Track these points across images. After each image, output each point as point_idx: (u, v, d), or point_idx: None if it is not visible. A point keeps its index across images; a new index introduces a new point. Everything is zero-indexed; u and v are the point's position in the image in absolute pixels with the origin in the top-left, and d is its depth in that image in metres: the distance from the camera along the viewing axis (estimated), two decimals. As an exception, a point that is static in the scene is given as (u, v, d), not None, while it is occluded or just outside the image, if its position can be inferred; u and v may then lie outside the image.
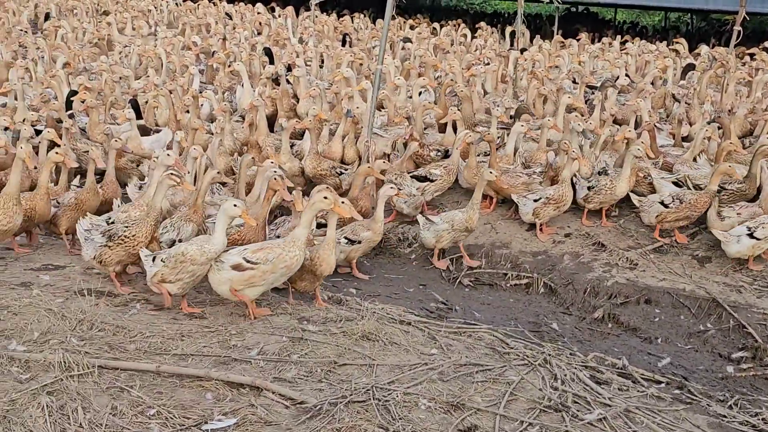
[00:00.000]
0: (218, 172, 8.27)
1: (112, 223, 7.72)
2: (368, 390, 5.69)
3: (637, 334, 8.40)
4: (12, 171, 7.74)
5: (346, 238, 8.71)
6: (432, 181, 10.21)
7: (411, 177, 10.29)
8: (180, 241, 7.61)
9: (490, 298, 9.12)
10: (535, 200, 9.66)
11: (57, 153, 8.27)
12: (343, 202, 7.21)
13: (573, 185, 9.80)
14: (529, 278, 9.34)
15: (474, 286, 9.36)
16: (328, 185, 8.46)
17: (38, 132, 10.95)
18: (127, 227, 7.26)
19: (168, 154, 8.09)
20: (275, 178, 7.81)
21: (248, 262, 6.75)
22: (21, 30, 21.04)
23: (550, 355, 6.69)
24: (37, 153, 9.17)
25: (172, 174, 7.33)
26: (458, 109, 11.59)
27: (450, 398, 5.71)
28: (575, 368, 6.50)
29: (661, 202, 9.38)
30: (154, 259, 6.91)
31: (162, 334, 6.44)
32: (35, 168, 8.90)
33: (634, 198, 9.64)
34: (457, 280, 9.37)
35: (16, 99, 12.14)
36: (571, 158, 9.57)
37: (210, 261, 6.79)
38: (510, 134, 10.89)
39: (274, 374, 5.88)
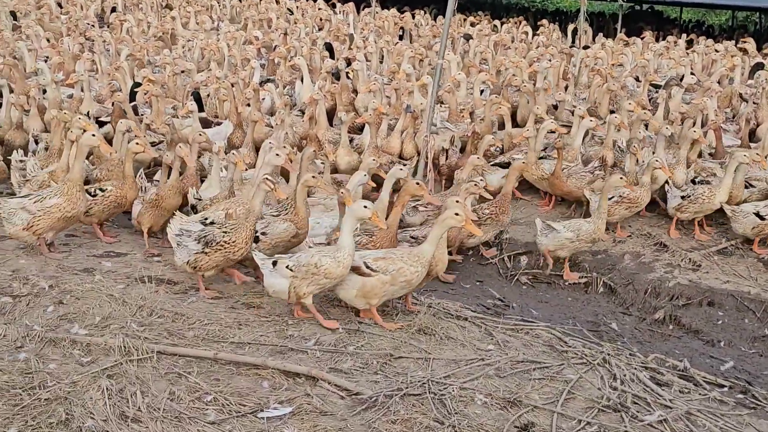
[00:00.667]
0: (313, 176, 7.72)
1: (211, 223, 7.55)
2: (424, 383, 5.66)
3: (699, 336, 8.21)
4: (75, 158, 7.85)
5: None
6: None
7: (492, 165, 10.33)
8: (264, 234, 7.41)
9: (547, 296, 9.00)
10: (609, 198, 9.42)
11: (137, 144, 8.31)
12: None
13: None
14: (588, 277, 9.19)
15: (532, 284, 9.25)
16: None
17: (101, 123, 11.18)
18: (225, 233, 6.91)
19: (277, 154, 7.91)
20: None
21: (368, 267, 6.45)
22: (88, 23, 21.48)
23: (609, 354, 6.57)
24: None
25: (267, 179, 6.98)
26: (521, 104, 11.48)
27: (506, 394, 5.64)
28: (635, 369, 6.37)
29: (757, 213, 9.04)
30: (275, 264, 6.49)
31: (220, 322, 6.49)
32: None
33: (727, 208, 9.20)
34: (515, 278, 9.28)
35: (82, 90, 12.37)
36: (654, 166, 9.30)
37: (345, 274, 6.43)
38: (578, 129, 10.71)
39: (330, 365, 5.88)
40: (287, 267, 6.40)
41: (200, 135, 9.15)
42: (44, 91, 12.48)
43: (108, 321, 6.33)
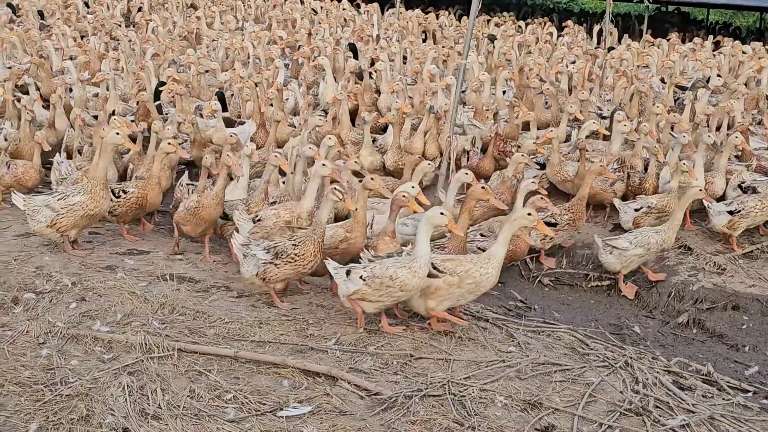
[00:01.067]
0: (372, 178, 7.39)
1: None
2: (444, 384, 5.63)
3: (724, 340, 8.12)
4: (100, 156, 7.90)
5: (481, 234, 8.62)
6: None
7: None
8: None
9: (570, 298, 8.95)
10: (636, 209, 9.24)
11: (169, 143, 8.29)
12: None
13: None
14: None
15: (554, 286, 9.20)
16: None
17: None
18: (295, 245, 6.68)
19: (323, 164, 7.64)
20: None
21: (434, 268, 6.23)
22: (114, 23, 21.64)
23: (631, 358, 6.53)
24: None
25: (336, 190, 6.76)
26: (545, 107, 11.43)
27: (527, 396, 5.61)
28: (657, 372, 6.32)
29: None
30: (348, 273, 6.31)
31: (241, 320, 6.50)
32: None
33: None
34: (537, 279, 9.23)
35: (108, 89, 12.46)
36: (681, 170, 9.10)
37: (421, 286, 6.21)
38: (613, 134, 10.59)
39: (350, 364, 5.88)
40: (360, 277, 6.22)
41: (231, 136, 9.06)
42: (70, 90, 12.60)
43: (130, 318, 6.36)
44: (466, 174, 8.14)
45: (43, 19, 22.81)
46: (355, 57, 16.25)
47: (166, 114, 12.25)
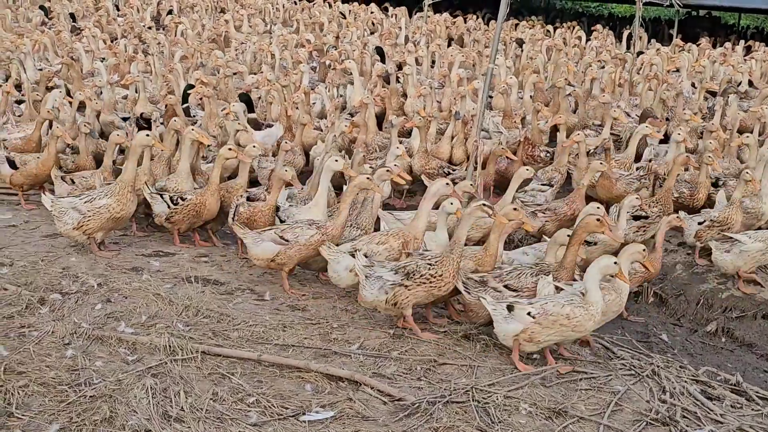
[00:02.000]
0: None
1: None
2: (468, 391, 5.59)
3: (753, 350, 7.99)
4: (128, 159, 7.93)
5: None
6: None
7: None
8: None
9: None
10: (700, 222, 8.96)
11: (230, 149, 8.24)
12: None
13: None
14: (639, 287, 9.00)
15: (580, 292, 9.09)
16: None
17: (149, 124, 11.19)
18: (431, 265, 6.31)
19: (336, 159, 7.61)
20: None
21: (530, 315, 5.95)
22: (143, 26, 21.81)
23: (658, 366, 6.43)
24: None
25: (484, 205, 6.49)
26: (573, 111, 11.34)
27: (552, 404, 5.55)
28: (685, 381, 6.22)
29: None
30: (510, 309, 5.99)
31: (264, 323, 6.50)
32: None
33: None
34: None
35: (137, 91, 12.54)
36: (744, 180, 8.85)
37: (591, 330, 6.14)
38: (632, 136, 10.49)
39: (374, 369, 5.86)
40: (529, 314, 5.93)
41: (254, 148, 8.65)
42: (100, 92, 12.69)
43: (154, 320, 6.38)
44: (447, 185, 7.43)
45: (74, 21, 23.04)
46: (383, 61, 16.24)
47: (194, 116, 12.31)
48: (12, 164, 9.23)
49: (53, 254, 7.76)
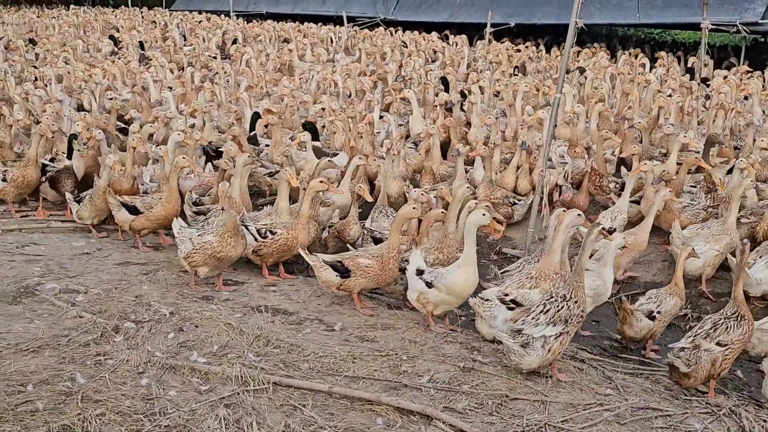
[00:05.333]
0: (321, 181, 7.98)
1: (514, 302, 6.81)
2: (541, 427, 5.52)
3: (833, 388, 7.72)
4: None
5: None
6: None
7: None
8: (659, 313, 7.25)
9: (668, 339, 8.65)
10: None
11: (321, 181, 8.23)
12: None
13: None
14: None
15: (650, 326, 8.91)
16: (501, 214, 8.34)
17: (219, 154, 11.37)
18: (576, 302, 6.22)
19: (414, 207, 7.66)
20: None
21: None
22: (209, 55, 22.23)
23: (735, 404, 6.26)
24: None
25: (604, 230, 6.47)
26: (639, 142, 11.18)
27: (627, 443, 5.44)
28: (764, 421, 6.04)
29: None
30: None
31: (334, 355, 6.50)
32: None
33: None
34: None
35: (204, 121, 12.74)
36: None
37: None
38: (683, 164, 10.31)
39: (445, 403, 5.80)
40: None
41: (321, 183, 8.37)
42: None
43: (226, 350, 6.43)
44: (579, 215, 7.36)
45: (143, 50, 23.60)
46: (446, 90, 16.26)
47: (260, 145, 12.46)
48: (132, 210, 9.00)
49: (126, 282, 7.90)
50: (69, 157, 10.32)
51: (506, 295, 6.84)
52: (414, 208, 7.66)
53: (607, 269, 7.39)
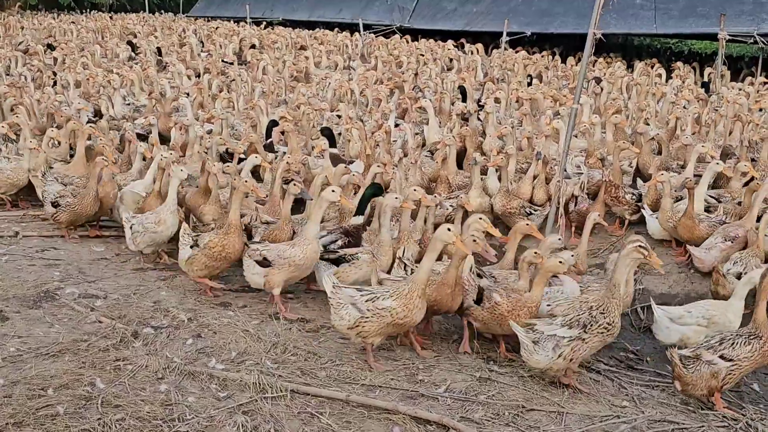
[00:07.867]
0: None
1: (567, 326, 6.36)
2: (558, 439, 5.52)
3: None
4: (232, 202, 7.87)
5: None
6: None
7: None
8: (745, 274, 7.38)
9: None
10: None
11: (333, 191, 7.56)
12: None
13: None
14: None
15: (666, 338, 8.90)
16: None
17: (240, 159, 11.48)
18: (603, 314, 6.19)
19: (333, 191, 7.53)
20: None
21: None
22: (225, 62, 22.33)
23: (752, 419, 6.25)
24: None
25: (641, 247, 6.26)
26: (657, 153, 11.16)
27: (644, 455, 5.44)
28: (781, 435, 6.04)
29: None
30: None
31: (351, 363, 6.53)
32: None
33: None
34: (648, 329, 8.96)
35: (221, 128, 12.81)
36: None
37: None
38: (704, 173, 10.30)
39: (461, 413, 5.83)
40: None
41: (332, 192, 7.65)
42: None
43: (243, 357, 6.47)
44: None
45: (160, 55, 23.73)
46: (464, 99, 16.28)
47: (277, 152, 12.51)
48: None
49: (144, 287, 7.96)
50: None
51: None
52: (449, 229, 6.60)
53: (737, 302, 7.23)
